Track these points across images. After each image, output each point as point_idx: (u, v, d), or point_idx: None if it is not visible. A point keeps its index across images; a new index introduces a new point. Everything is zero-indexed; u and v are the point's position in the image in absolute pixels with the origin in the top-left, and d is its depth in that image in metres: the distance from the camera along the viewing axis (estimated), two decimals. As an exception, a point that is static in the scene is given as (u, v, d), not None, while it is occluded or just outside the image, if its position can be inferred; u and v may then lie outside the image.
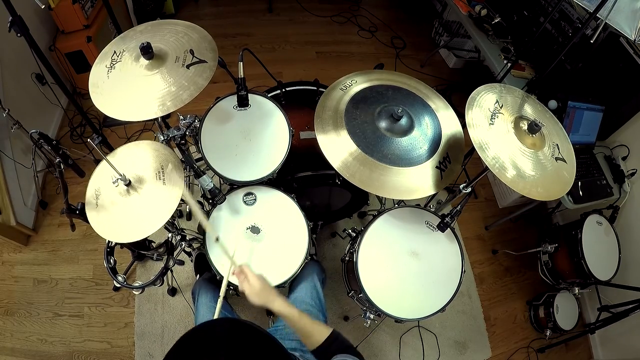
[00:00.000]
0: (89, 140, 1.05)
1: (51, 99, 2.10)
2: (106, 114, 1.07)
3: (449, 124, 1.32)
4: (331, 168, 1.15)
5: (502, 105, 1.15)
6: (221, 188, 1.42)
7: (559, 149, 1.15)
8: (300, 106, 1.59)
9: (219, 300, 0.99)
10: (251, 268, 0.95)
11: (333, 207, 1.83)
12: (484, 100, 1.14)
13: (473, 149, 1.06)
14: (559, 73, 2.01)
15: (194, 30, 1.21)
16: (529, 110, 1.19)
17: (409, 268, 1.28)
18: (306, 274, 1.30)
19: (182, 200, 1.09)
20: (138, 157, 1.16)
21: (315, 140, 1.18)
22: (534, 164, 1.08)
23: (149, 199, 1.08)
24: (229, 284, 1.22)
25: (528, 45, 2.09)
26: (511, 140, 1.09)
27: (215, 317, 0.97)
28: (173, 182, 1.09)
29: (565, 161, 1.14)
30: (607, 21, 1.42)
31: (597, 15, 1.42)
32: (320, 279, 1.33)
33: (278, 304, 0.90)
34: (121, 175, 1.05)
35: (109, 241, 1.29)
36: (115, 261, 1.31)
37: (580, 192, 1.77)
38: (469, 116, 1.09)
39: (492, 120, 1.11)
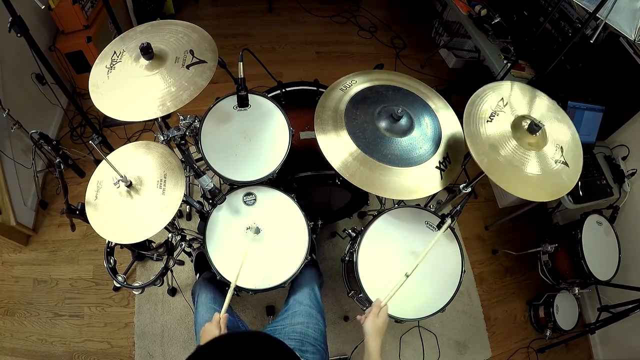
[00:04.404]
0: (90, 141, 1.05)
1: (51, 99, 2.10)
2: (106, 114, 1.07)
3: (449, 124, 1.32)
4: (331, 168, 1.15)
5: (507, 104, 1.15)
6: (221, 188, 1.42)
7: (562, 152, 1.14)
8: (300, 106, 1.59)
9: (227, 297, 1.03)
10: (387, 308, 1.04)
11: (333, 207, 1.83)
12: (486, 100, 1.15)
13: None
14: (559, 73, 2.01)
15: (194, 30, 1.21)
16: (541, 109, 1.19)
17: (409, 268, 1.27)
18: (305, 278, 1.30)
19: (183, 200, 1.09)
20: (142, 159, 1.17)
21: (315, 140, 1.18)
22: (533, 164, 1.08)
23: (149, 202, 1.08)
24: (230, 284, 1.22)
25: (528, 45, 2.09)
26: (509, 139, 1.10)
27: (224, 310, 1.00)
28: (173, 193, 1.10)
29: (567, 165, 1.13)
30: (607, 21, 1.42)
31: (597, 15, 1.42)
32: (319, 284, 1.34)
33: (375, 343, 0.96)
34: (122, 176, 1.05)
35: (109, 241, 1.29)
36: (115, 261, 1.31)
37: (580, 192, 1.77)
38: (468, 120, 1.09)
39: (492, 117, 1.11)
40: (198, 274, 1.66)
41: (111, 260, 1.29)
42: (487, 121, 1.11)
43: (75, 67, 2.26)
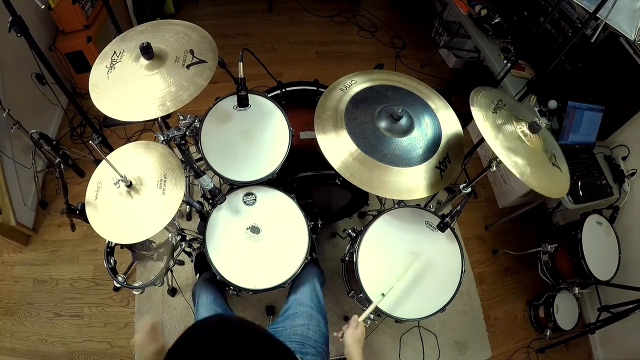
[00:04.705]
0: (90, 141, 1.05)
1: (51, 99, 2.10)
2: (106, 114, 1.07)
3: (449, 124, 1.32)
4: (331, 168, 1.15)
5: (506, 104, 1.16)
6: (221, 188, 1.42)
7: (555, 157, 1.16)
8: (300, 106, 1.59)
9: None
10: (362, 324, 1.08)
11: (333, 207, 1.83)
12: (487, 96, 1.15)
13: (473, 149, 1.06)
14: (559, 73, 2.01)
15: (194, 30, 1.21)
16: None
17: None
18: (306, 275, 1.30)
19: (183, 200, 1.09)
20: (142, 159, 1.17)
21: (315, 140, 1.18)
22: (535, 159, 1.09)
23: (149, 202, 1.08)
24: (229, 284, 1.22)
25: (528, 45, 2.08)
26: (515, 131, 1.11)
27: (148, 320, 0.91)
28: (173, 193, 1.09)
29: (560, 169, 1.15)
30: (607, 21, 1.42)
31: (597, 15, 1.42)
32: (320, 282, 1.33)
33: (356, 350, 1.00)
34: (122, 176, 1.05)
35: (109, 241, 1.29)
36: (115, 261, 1.31)
37: (580, 192, 1.77)
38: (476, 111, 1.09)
39: (495, 110, 1.12)
40: (198, 274, 1.66)
41: (111, 261, 1.29)
42: (492, 112, 1.11)
43: (75, 67, 2.26)
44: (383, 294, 1.17)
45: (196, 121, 1.32)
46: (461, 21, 2.49)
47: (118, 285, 1.82)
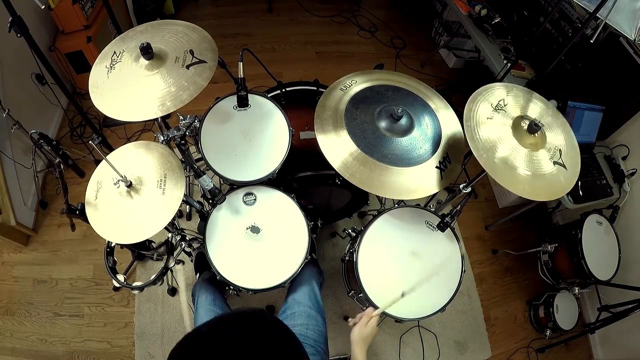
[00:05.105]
0: (90, 141, 1.05)
1: (51, 99, 2.10)
2: (106, 114, 1.07)
3: (449, 124, 1.32)
4: (331, 168, 1.15)
5: (507, 104, 1.15)
6: (221, 188, 1.42)
7: (560, 154, 1.14)
8: (300, 106, 1.59)
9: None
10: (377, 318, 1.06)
11: (333, 207, 1.83)
12: (487, 97, 1.15)
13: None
14: (559, 73, 2.01)
15: (194, 30, 1.21)
16: (536, 111, 1.19)
17: (409, 268, 1.28)
18: (305, 276, 1.30)
19: (183, 200, 1.09)
20: (142, 159, 1.17)
21: (315, 140, 1.18)
22: (532, 164, 1.08)
23: (149, 202, 1.08)
24: (229, 284, 1.22)
25: (528, 45, 2.08)
26: (509, 138, 1.10)
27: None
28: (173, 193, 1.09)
29: (565, 167, 1.13)
30: (607, 21, 1.42)
31: (597, 15, 1.42)
32: (319, 282, 1.33)
33: (360, 351, 0.99)
34: (122, 176, 1.05)
35: (109, 241, 1.29)
36: (115, 261, 1.31)
37: (580, 192, 1.77)
38: (469, 116, 1.09)
39: (492, 116, 1.11)
40: (198, 274, 1.66)
41: (111, 260, 1.29)
42: (488, 118, 1.11)
43: (75, 67, 2.26)
44: (403, 294, 1.14)
45: (196, 121, 1.32)
46: (461, 21, 2.49)
47: (118, 285, 1.82)
